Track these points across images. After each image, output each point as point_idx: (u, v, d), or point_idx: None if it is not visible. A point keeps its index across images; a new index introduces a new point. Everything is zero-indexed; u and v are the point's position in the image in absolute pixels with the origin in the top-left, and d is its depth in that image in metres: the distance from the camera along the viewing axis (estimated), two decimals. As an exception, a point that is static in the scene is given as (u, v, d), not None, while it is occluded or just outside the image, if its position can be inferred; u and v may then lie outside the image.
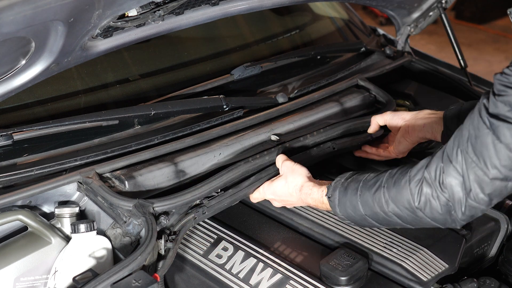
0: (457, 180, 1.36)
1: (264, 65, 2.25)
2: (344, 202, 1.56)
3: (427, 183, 1.40)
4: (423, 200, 1.41)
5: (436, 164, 1.40)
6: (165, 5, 1.72)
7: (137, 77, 2.11)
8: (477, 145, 1.33)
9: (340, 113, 2.17)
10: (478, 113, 1.35)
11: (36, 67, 1.57)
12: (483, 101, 1.36)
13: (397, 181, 1.46)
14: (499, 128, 1.30)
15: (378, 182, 1.50)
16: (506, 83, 1.31)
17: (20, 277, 1.54)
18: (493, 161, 1.32)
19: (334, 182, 1.62)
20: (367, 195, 1.51)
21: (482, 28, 6.97)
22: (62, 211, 1.63)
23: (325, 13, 2.70)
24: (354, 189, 1.55)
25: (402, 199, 1.44)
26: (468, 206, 1.38)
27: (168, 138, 1.87)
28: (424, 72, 2.59)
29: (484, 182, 1.34)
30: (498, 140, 1.31)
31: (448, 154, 1.38)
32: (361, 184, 1.54)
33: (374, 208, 1.50)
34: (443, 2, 2.50)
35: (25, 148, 1.73)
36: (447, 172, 1.37)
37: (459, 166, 1.36)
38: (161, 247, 1.61)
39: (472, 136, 1.35)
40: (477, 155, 1.33)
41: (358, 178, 1.57)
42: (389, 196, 1.46)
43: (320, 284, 1.60)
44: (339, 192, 1.58)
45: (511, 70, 1.31)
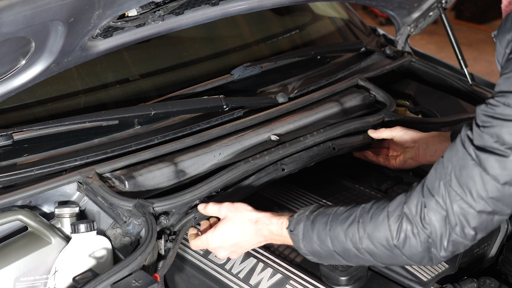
0: (440, 215, 1.31)
1: (264, 65, 2.25)
2: (310, 236, 1.45)
3: (407, 219, 1.34)
4: (402, 237, 1.34)
5: (416, 199, 1.34)
6: (165, 5, 1.72)
7: (137, 77, 2.11)
8: (462, 178, 1.29)
9: (340, 113, 2.17)
10: (461, 145, 1.31)
11: (36, 67, 1.57)
12: (466, 133, 1.32)
13: (374, 216, 1.38)
14: (486, 160, 1.26)
15: (351, 217, 1.41)
16: (492, 114, 1.27)
17: (20, 277, 1.54)
18: (480, 193, 1.28)
19: (297, 215, 1.50)
20: (338, 229, 1.41)
21: (482, 28, 6.97)
22: (62, 211, 1.63)
23: (325, 13, 2.70)
24: (322, 223, 1.44)
25: (379, 236, 1.36)
26: (452, 241, 1.32)
27: (168, 138, 1.87)
28: (424, 72, 2.59)
29: (470, 215, 1.30)
30: (485, 172, 1.27)
31: (429, 188, 1.33)
32: (331, 218, 1.44)
33: (345, 244, 1.41)
34: (443, 2, 2.49)
35: (25, 148, 1.73)
36: (429, 206, 1.32)
37: (442, 200, 1.31)
38: (161, 247, 1.61)
39: (456, 168, 1.30)
40: (462, 188, 1.29)
41: (326, 212, 1.47)
42: (365, 232, 1.38)
43: (320, 284, 1.60)
44: (304, 226, 1.46)
45: (497, 100, 1.28)
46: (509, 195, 1.28)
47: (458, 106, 2.41)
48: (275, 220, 1.52)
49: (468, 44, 6.46)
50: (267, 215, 1.54)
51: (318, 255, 1.47)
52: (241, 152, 1.89)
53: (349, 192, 1.97)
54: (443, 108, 2.38)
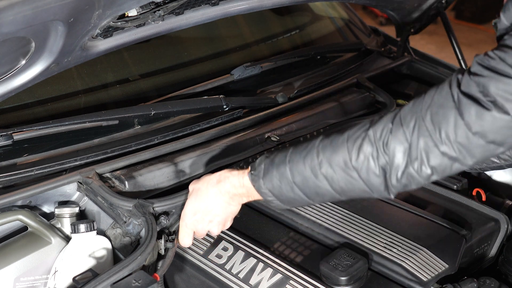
0: (402, 146, 1.30)
1: (264, 65, 2.25)
2: (270, 172, 1.43)
3: (370, 141, 1.33)
4: (362, 158, 1.33)
5: (384, 124, 1.33)
6: (165, 5, 1.72)
7: (137, 77, 2.12)
8: (437, 116, 1.28)
9: (340, 113, 2.17)
10: (448, 85, 1.31)
11: (36, 67, 1.57)
12: (457, 76, 1.31)
13: (333, 140, 1.37)
14: (465, 106, 1.26)
15: (310, 145, 1.40)
16: (486, 65, 1.28)
17: (20, 277, 1.54)
18: (449, 135, 1.27)
19: (259, 158, 1.48)
20: (297, 159, 1.40)
21: (482, 28, 6.97)
22: (62, 211, 1.63)
23: (325, 13, 2.70)
24: (282, 156, 1.43)
25: (337, 158, 1.35)
26: (407, 173, 1.31)
27: (168, 138, 1.88)
28: (424, 72, 2.59)
29: (432, 153, 1.29)
30: (460, 116, 1.27)
31: (401, 117, 1.32)
32: (291, 151, 1.42)
33: (304, 171, 1.39)
34: (443, 2, 2.49)
35: (25, 148, 1.73)
36: (394, 134, 1.31)
37: (409, 132, 1.30)
38: (161, 247, 1.61)
39: (434, 105, 1.30)
40: (434, 125, 1.28)
41: (287, 148, 1.45)
42: (324, 156, 1.36)
43: (320, 284, 1.60)
44: (264, 165, 1.44)
45: (495, 53, 1.28)
46: (475, 145, 1.28)
47: (458, 106, 2.41)
48: (235, 172, 1.50)
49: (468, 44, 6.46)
50: (226, 170, 1.52)
51: (278, 191, 1.44)
52: (241, 152, 1.89)
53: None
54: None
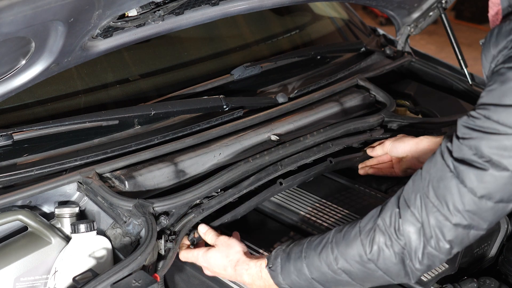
0: (415, 227, 1.30)
1: (264, 65, 2.25)
2: (288, 268, 1.45)
3: (380, 230, 1.33)
4: (375, 249, 1.33)
5: (390, 210, 1.33)
6: (165, 5, 1.72)
7: (137, 77, 2.11)
8: (439, 189, 1.28)
9: (340, 113, 2.17)
10: (440, 156, 1.30)
11: (36, 67, 1.57)
12: (446, 144, 1.31)
13: (346, 234, 1.37)
14: (464, 173, 1.26)
15: (324, 240, 1.41)
16: (472, 126, 1.26)
17: (20, 277, 1.54)
18: (456, 206, 1.27)
19: (275, 251, 1.51)
20: (312, 255, 1.41)
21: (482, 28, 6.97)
22: (62, 211, 1.63)
23: (325, 13, 2.70)
24: (297, 252, 1.44)
25: (352, 253, 1.35)
26: (427, 254, 1.31)
27: (168, 138, 1.87)
28: (424, 72, 2.59)
29: (446, 228, 1.28)
30: (462, 184, 1.26)
31: (405, 198, 1.32)
32: (305, 245, 1.44)
33: (321, 267, 1.40)
34: (443, 2, 2.49)
35: (25, 148, 1.73)
36: (404, 217, 1.30)
37: (418, 212, 1.30)
38: (161, 247, 1.61)
39: (434, 180, 1.29)
40: (439, 199, 1.28)
41: (301, 242, 1.47)
42: (338, 251, 1.37)
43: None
44: (281, 259, 1.47)
45: (478, 113, 1.27)
46: (485, 209, 1.27)
47: (458, 106, 2.41)
48: (252, 264, 1.54)
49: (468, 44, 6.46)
50: (246, 260, 1.56)
51: (298, 286, 1.46)
52: (241, 152, 1.89)
53: (349, 192, 1.96)
54: (443, 108, 2.37)
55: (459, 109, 2.39)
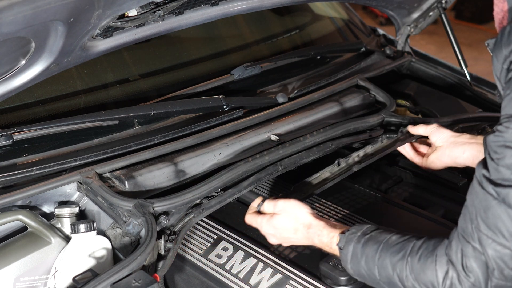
0: (480, 261, 1.27)
1: (264, 65, 2.25)
2: (359, 260, 1.44)
3: (453, 266, 1.30)
4: (448, 283, 1.31)
5: (455, 246, 1.30)
6: (165, 5, 1.72)
7: (137, 77, 2.11)
8: (488, 219, 1.24)
9: (340, 113, 2.17)
10: (479, 186, 1.26)
11: (36, 67, 1.57)
12: (481, 172, 1.26)
13: (422, 258, 1.35)
14: (509, 196, 1.21)
15: (402, 252, 1.38)
16: (503, 143, 1.21)
17: (20, 277, 1.54)
18: (511, 231, 1.22)
19: (349, 233, 1.49)
20: (387, 261, 1.40)
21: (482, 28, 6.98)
22: (62, 211, 1.63)
23: (325, 13, 2.70)
24: (372, 250, 1.42)
25: (425, 278, 1.34)
26: (494, 286, 1.28)
27: (168, 138, 1.87)
28: (424, 72, 2.59)
29: (506, 256, 1.24)
30: (510, 208, 1.21)
31: (463, 234, 1.29)
32: (381, 246, 1.42)
33: (392, 277, 1.39)
34: (443, 2, 2.50)
35: (25, 148, 1.73)
36: (467, 254, 1.27)
37: (479, 245, 1.26)
38: (161, 247, 1.61)
39: (480, 211, 1.25)
40: (492, 230, 1.24)
41: (378, 238, 1.44)
42: (412, 271, 1.35)
43: (320, 284, 1.60)
44: (353, 248, 1.46)
45: (505, 126, 1.22)
46: None
47: (458, 106, 2.42)
48: (326, 232, 1.53)
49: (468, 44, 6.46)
50: (320, 224, 1.55)
51: (363, 278, 1.47)
52: (241, 152, 1.89)
53: (349, 192, 1.97)
54: (443, 108, 2.38)
55: (459, 109, 2.39)
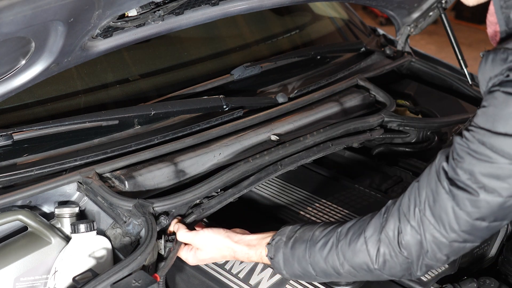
0: (415, 239, 1.34)
1: (264, 65, 2.25)
2: (291, 264, 1.50)
3: (385, 243, 1.38)
4: (381, 260, 1.38)
5: (393, 224, 1.37)
6: (165, 5, 1.72)
7: (137, 77, 2.11)
8: (435, 209, 1.31)
9: (340, 113, 2.17)
10: (436, 176, 1.32)
11: (36, 67, 1.57)
12: (441, 164, 1.32)
13: (351, 242, 1.41)
14: (459, 197, 1.28)
15: (329, 243, 1.44)
16: (466, 150, 1.27)
17: (20, 277, 1.54)
18: (452, 226, 1.30)
19: (275, 242, 1.53)
20: (318, 257, 1.45)
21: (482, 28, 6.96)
22: (62, 211, 1.63)
23: (325, 13, 2.70)
24: (301, 250, 1.48)
25: (359, 261, 1.41)
26: (425, 264, 1.37)
27: (168, 138, 1.87)
28: (424, 72, 2.59)
29: (442, 244, 1.33)
30: (458, 207, 1.28)
31: (404, 212, 1.36)
32: (309, 245, 1.47)
33: (327, 270, 1.46)
34: (443, 2, 2.50)
35: (25, 148, 1.73)
36: (404, 231, 1.35)
37: (417, 225, 1.34)
38: (161, 247, 1.61)
39: (430, 198, 1.32)
40: (435, 218, 1.31)
41: (303, 238, 1.49)
42: (344, 258, 1.42)
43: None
44: (283, 254, 1.50)
45: (472, 135, 1.27)
46: (480, 228, 1.30)
47: (458, 106, 2.42)
48: (252, 252, 1.57)
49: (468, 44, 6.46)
50: (242, 248, 1.58)
51: (300, 278, 1.54)
52: (241, 152, 1.89)
53: (349, 192, 1.97)
54: (443, 108, 2.38)
55: (459, 109, 2.39)
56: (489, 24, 1.40)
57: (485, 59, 1.28)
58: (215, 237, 1.60)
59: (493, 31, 1.39)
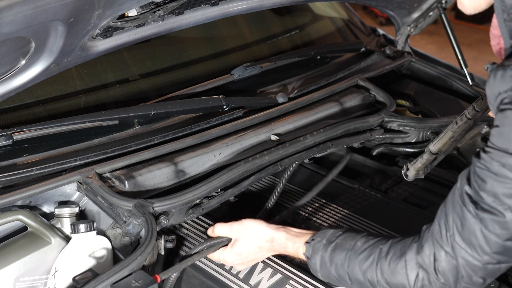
0: (451, 265, 1.34)
1: (264, 65, 2.25)
2: (328, 269, 1.50)
3: (423, 268, 1.37)
4: (419, 285, 1.38)
5: (428, 250, 1.37)
6: (165, 5, 1.72)
7: (137, 77, 2.11)
8: (464, 233, 1.30)
9: (340, 113, 2.17)
10: (460, 201, 1.31)
11: (36, 67, 1.57)
12: (464, 188, 1.31)
13: (391, 262, 1.41)
14: (486, 220, 1.27)
15: (370, 259, 1.44)
16: (486, 172, 1.26)
17: (20, 277, 1.54)
18: (484, 249, 1.29)
19: (314, 242, 1.53)
20: (357, 269, 1.46)
21: (482, 28, 6.97)
22: (62, 211, 1.63)
23: (325, 13, 2.70)
24: (340, 259, 1.48)
25: (396, 282, 1.41)
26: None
27: (168, 138, 1.87)
28: (424, 72, 2.59)
29: (476, 267, 1.32)
30: (486, 229, 1.27)
31: (437, 238, 1.35)
32: (349, 255, 1.47)
33: (364, 283, 1.46)
34: (443, 2, 2.50)
35: (25, 148, 1.73)
36: (439, 258, 1.35)
37: (451, 250, 1.33)
38: (161, 247, 1.61)
39: (457, 224, 1.31)
40: (465, 243, 1.31)
41: (344, 246, 1.49)
42: (382, 276, 1.42)
43: (320, 284, 1.60)
44: (321, 257, 1.51)
45: (491, 157, 1.26)
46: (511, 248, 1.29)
47: (458, 106, 2.42)
48: (290, 244, 1.57)
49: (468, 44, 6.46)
50: (281, 236, 1.58)
51: (335, 283, 1.54)
52: (241, 152, 1.89)
53: (349, 192, 1.97)
54: (443, 108, 2.38)
55: (459, 109, 2.39)
56: (493, 37, 1.39)
57: (493, 75, 1.27)
58: (255, 225, 1.61)
59: (497, 44, 1.38)
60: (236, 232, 1.62)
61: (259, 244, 1.60)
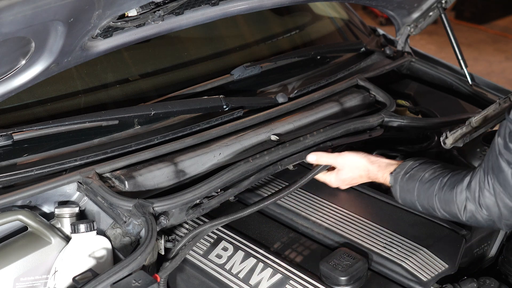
0: (492, 202, 1.52)
1: (264, 65, 2.25)
2: (404, 195, 1.74)
3: (470, 201, 1.57)
4: (469, 215, 1.59)
5: (474, 187, 1.56)
6: (165, 5, 1.72)
7: (137, 77, 2.11)
8: (500, 179, 1.48)
9: (340, 113, 2.17)
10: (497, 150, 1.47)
11: (36, 67, 1.57)
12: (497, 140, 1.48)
13: (446, 194, 1.63)
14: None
15: (431, 189, 1.67)
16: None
17: (20, 277, 1.54)
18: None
19: (395, 173, 1.77)
20: (422, 197, 1.70)
21: (482, 28, 6.97)
22: (62, 211, 1.63)
23: (325, 13, 2.70)
24: (412, 187, 1.72)
25: (451, 212, 1.63)
26: (505, 224, 1.56)
27: (168, 138, 1.87)
28: (424, 72, 2.59)
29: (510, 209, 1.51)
30: None
31: (481, 178, 1.54)
32: (418, 184, 1.70)
33: (429, 209, 1.70)
34: (443, 2, 2.50)
35: (25, 148, 1.73)
36: (483, 195, 1.54)
37: (492, 190, 1.52)
38: (161, 247, 1.61)
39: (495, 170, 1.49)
40: (502, 187, 1.49)
41: (415, 176, 1.72)
42: (440, 204, 1.65)
43: (320, 284, 1.60)
44: (399, 186, 1.75)
45: None
46: None
47: (458, 106, 2.42)
48: (380, 174, 1.83)
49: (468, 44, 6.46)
50: (374, 168, 1.84)
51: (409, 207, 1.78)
52: (241, 152, 1.89)
53: (349, 192, 1.96)
54: (443, 108, 2.38)
55: (459, 109, 2.39)
56: None
57: None
58: (355, 157, 1.86)
59: None
60: (340, 161, 1.87)
61: (359, 173, 1.86)
